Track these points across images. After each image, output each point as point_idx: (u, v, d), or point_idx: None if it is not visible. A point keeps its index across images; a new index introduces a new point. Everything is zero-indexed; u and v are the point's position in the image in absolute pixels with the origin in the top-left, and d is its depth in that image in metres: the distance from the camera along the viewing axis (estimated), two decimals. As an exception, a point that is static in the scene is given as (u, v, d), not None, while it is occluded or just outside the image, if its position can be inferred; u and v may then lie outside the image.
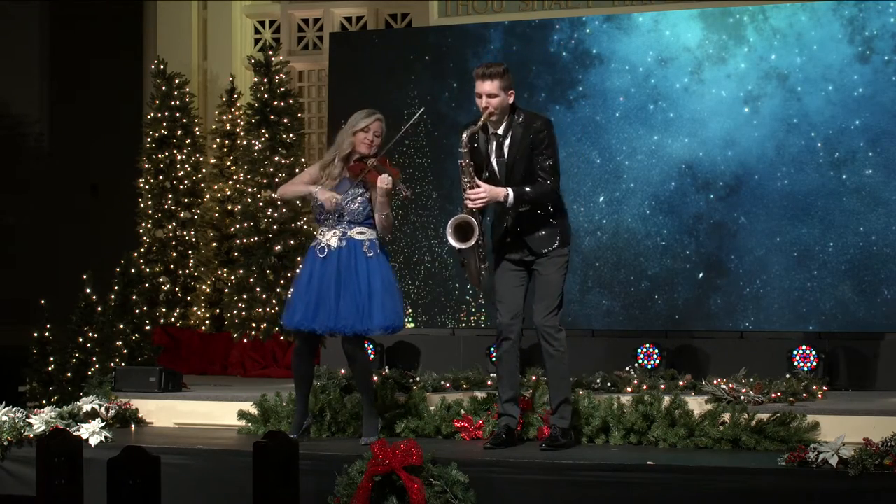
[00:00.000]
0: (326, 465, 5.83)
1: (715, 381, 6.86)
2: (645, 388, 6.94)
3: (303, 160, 10.02)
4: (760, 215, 8.02)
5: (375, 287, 6.29)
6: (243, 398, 7.27)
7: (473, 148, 6.17)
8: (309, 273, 6.36)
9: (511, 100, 6.11)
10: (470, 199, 6.06)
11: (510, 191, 6.05)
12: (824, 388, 7.05)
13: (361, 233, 6.35)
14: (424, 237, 8.69)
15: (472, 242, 6.08)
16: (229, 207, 10.25)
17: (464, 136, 6.09)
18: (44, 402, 8.36)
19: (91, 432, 6.50)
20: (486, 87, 6.04)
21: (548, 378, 6.25)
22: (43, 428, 6.62)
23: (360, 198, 6.35)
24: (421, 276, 8.66)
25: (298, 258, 9.60)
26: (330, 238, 6.34)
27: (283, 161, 9.84)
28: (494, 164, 6.15)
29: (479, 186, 6.07)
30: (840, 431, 5.78)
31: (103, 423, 6.71)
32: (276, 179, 9.78)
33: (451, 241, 6.09)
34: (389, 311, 6.31)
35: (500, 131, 6.13)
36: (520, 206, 6.11)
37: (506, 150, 6.12)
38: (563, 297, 6.22)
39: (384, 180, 6.22)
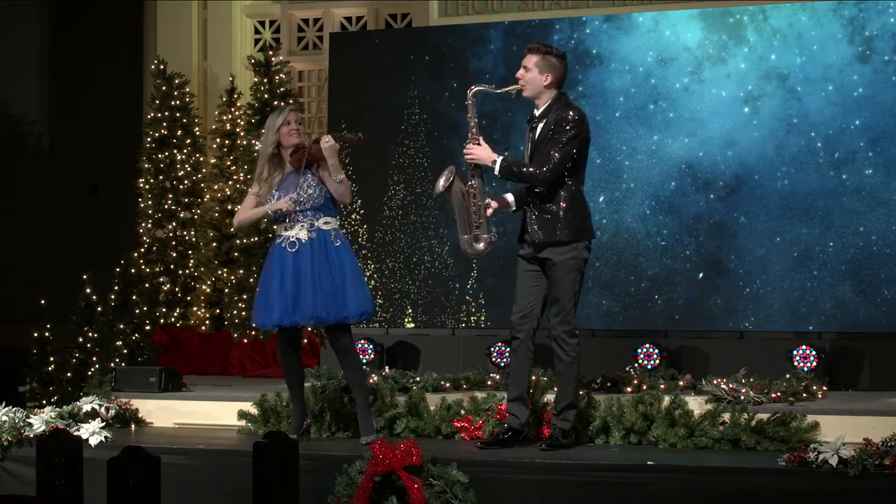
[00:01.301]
0: (326, 465, 5.83)
1: (715, 381, 6.86)
2: (645, 388, 6.94)
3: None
4: (760, 215, 8.02)
5: (347, 274, 6.33)
6: (243, 398, 7.27)
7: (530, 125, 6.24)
8: (280, 269, 6.33)
9: (547, 82, 6.09)
10: (465, 152, 6.16)
11: (499, 159, 6.09)
12: (824, 388, 7.05)
13: (327, 223, 6.37)
14: (424, 237, 8.69)
15: (444, 188, 6.08)
16: (229, 207, 10.25)
17: (471, 90, 6.20)
18: (44, 402, 8.36)
19: (91, 432, 6.49)
20: (525, 59, 6.15)
21: (556, 382, 6.23)
22: (43, 428, 6.62)
23: (312, 182, 6.36)
24: (421, 276, 8.66)
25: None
26: (298, 231, 6.34)
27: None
28: (528, 144, 6.20)
29: (478, 144, 6.14)
30: (840, 431, 5.77)
31: (103, 423, 6.71)
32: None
33: (438, 183, 6.12)
34: (362, 298, 6.34)
35: (536, 113, 6.17)
36: (507, 178, 6.16)
37: (537, 132, 6.14)
38: (578, 299, 6.18)
39: (325, 140, 6.25)
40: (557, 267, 6.07)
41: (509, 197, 6.23)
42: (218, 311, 10.17)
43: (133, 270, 9.83)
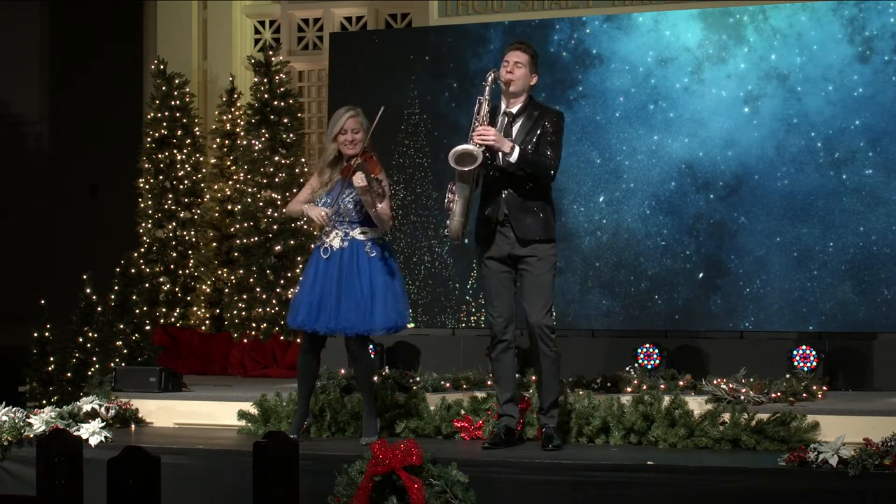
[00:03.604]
0: (326, 465, 5.83)
1: (715, 381, 6.86)
2: (645, 388, 6.94)
3: (303, 160, 10.03)
4: (760, 215, 8.02)
5: (377, 287, 6.29)
6: (243, 398, 7.27)
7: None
8: (313, 273, 6.37)
9: (533, 82, 6.17)
10: (477, 134, 6.01)
11: (517, 146, 6.04)
12: (824, 388, 7.05)
13: (364, 233, 6.34)
14: (424, 237, 8.69)
15: (474, 165, 5.94)
16: (229, 207, 10.26)
17: (490, 75, 6.09)
18: (44, 402, 8.36)
19: (91, 432, 6.50)
20: (516, 55, 6.13)
21: (543, 379, 6.22)
22: (43, 428, 6.62)
23: (353, 197, 6.35)
24: (421, 276, 8.66)
25: (298, 258, 9.62)
26: (333, 239, 6.36)
27: (283, 161, 9.85)
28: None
29: (488, 128, 6.03)
30: (840, 431, 5.77)
31: (103, 423, 6.71)
32: (276, 179, 9.79)
33: (454, 164, 5.98)
34: (391, 310, 6.31)
35: (513, 110, 6.15)
36: (521, 166, 6.06)
37: (514, 130, 6.13)
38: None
39: (357, 178, 6.21)
40: (541, 263, 6.11)
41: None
42: (218, 311, 10.18)
43: (133, 270, 9.83)
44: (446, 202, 6.11)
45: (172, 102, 10.31)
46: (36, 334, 8.88)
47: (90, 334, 8.66)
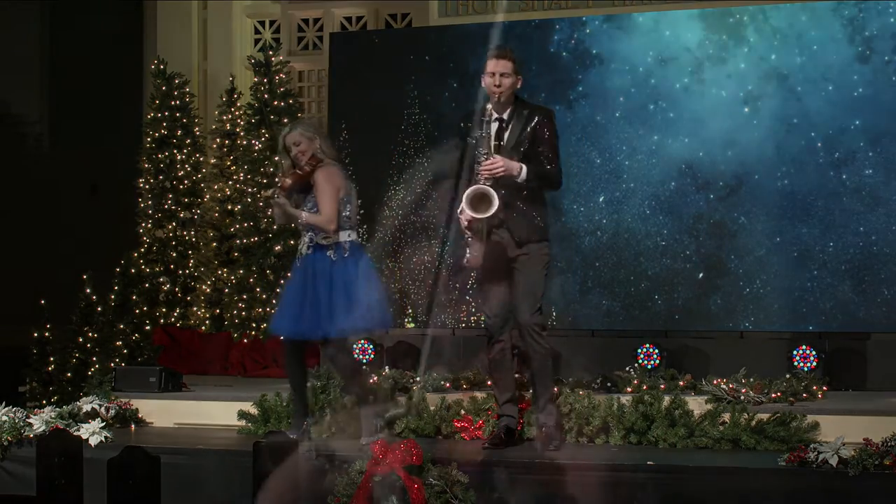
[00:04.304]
0: (326, 465, 5.83)
1: (715, 381, 6.86)
2: (645, 388, 6.94)
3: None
4: (760, 215, 8.02)
5: (338, 290, 6.28)
6: (243, 398, 7.27)
7: (466, 136, 6.20)
8: (289, 279, 6.52)
9: (519, 85, 6.13)
10: (486, 170, 5.93)
11: (524, 165, 6.00)
12: (824, 388, 7.05)
13: (326, 238, 6.37)
14: (424, 237, 8.69)
15: (492, 211, 5.88)
16: (229, 207, 10.26)
17: (488, 105, 6.03)
18: (44, 402, 8.37)
19: (91, 432, 6.49)
20: (501, 65, 6.04)
21: (535, 377, 6.22)
22: (43, 428, 6.62)
23: (309, 203, 6.40)
24: (421, 276, 8.66)
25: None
26: (302, 246, 6.44)
27: (283, 161, 9.84)
28: (492, 144, 6.07)
29: (495, 158, 5.95)
30: (840, 431, 5.78)
31: (103, 423, 6.70)
32: (276, 179, 9.78)
33: (469, 210, 5.91)
34: (353, 314, 6.27)
35: (504, 116, 6.13)
36: (532, 182, 6.04)
37: (506, 136, 6.11)
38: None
39: (270, 191, 6.43)
40: (533, 262, 6.10)
41: None
42: (218, 311, 10.17)
43: (133, 270, 9.83)
44: (466, 235, 6.07)
45: (172, 102, 10.31)
46: (36, 334, 8.89)
47: (90, 334, 8.67)
